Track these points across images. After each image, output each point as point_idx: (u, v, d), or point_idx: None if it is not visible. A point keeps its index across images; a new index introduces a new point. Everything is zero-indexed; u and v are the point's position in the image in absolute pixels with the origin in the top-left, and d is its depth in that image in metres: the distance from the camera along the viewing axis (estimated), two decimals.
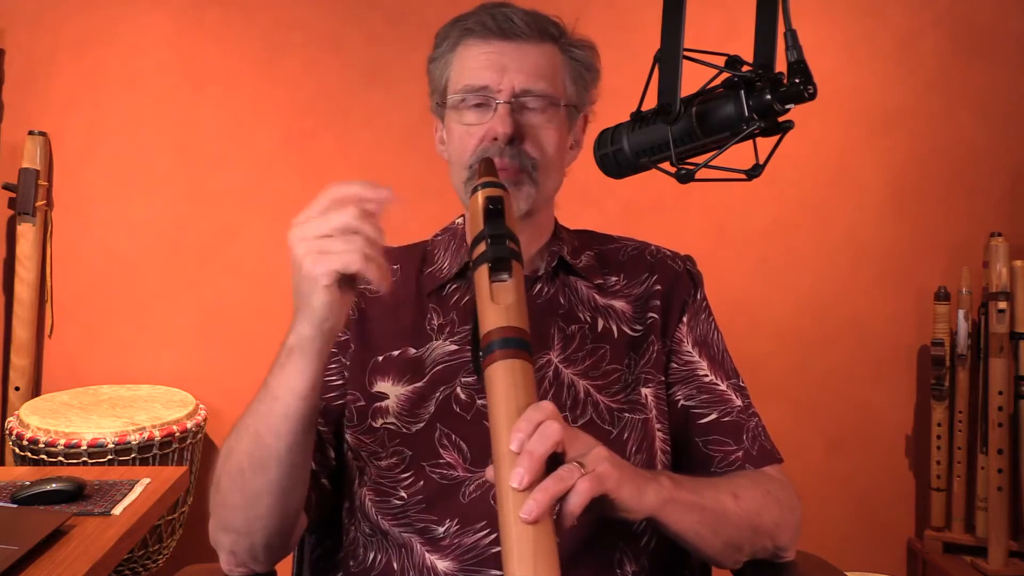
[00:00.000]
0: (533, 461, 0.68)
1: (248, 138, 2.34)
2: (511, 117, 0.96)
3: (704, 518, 0.86)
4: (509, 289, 0.78)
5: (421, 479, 0.93)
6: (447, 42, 1.02)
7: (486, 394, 0.75)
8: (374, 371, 1.00)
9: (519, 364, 0.74)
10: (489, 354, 0.75)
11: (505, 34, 0.98)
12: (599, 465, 0.73)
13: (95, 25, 2.31)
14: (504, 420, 0.71)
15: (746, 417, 1.02)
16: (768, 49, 0.74)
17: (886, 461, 2.39)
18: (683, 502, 0.84)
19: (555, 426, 0.70)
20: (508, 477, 0.68)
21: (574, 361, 0.99)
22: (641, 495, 0.78)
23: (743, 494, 0.91)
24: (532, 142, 0.98)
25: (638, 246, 1.11)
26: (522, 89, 0.97)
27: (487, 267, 0.79)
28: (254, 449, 0.84)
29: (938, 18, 2.33)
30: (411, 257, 1.09)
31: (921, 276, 2.34)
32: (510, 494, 0.68)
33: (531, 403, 0.72)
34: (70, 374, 2.31)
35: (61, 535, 1.16)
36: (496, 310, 0.77)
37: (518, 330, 0.76)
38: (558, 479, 0.69)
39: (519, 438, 0.69)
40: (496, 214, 0.82)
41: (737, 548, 0.91)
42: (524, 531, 0.66)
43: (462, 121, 1.00)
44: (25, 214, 2.24)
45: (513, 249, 0.80)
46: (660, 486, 0.81)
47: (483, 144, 0.98)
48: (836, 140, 2.34)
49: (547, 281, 1.04)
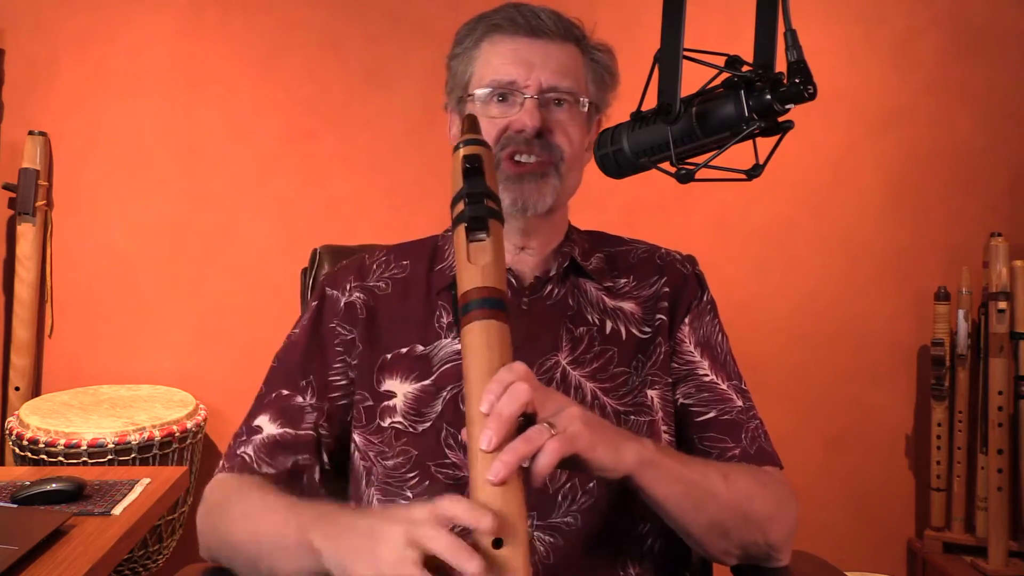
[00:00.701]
0: (501, 423, 0.68)
1: (248, 138, 2.34)
2: (538, 111, 0.97)
3: (689, 491, 0.85)
4: (486, 249, 0.77)
5: (427, 479, 0.93)
6: (470, 38, 1.03)
7: (462, 354, 0.74)
8: (382, 369, 1.00)
9: (494, 325, 0.73)
10: (465, 314, 0.74)
11: (533, 31, 0.99)
12: (571, 425, 0.74)
13: (95, 25, 2.31)
14: (476, 381, 0.71)
15: (746, 418, 1.01)
16: (768, 49, 0.74)
17: (886, 461, 2.39)
18: (666, 468, 0.83)
19: (523, 387, 0.70)
20: (478, 439, 0.68)
21: (582, 363, 0.99)
22: (618, 454, 0.78)
23: (735, 478, 0.90)
24: (560, 137, 0.99)
25: (648, 249, 1.11)
26: (549, 86, 0.98)
27: (464, 227, 0.78)
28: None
29: (937, 18, 2.33)
30: (421, 254, 1.09)
31: (921, 276, 2.34)
32: (479, 455, 0.68)
33: (505, 363, 0.72)
34: (70, 374, 2.31)
35: (61, 535, 1.16)
36: (472, 270, 0.76)
37: (494, 290, 0.75)
38: (527, 440, 0.69)
39: (489, 399, 0.69)
40: (474, 172, 0.81)
41: (723, 532, 0.89)
42: (492, 491, 0.66)
43: (487, 114, 1.00)
44: (25, 214, 2.24)
45: (491, 208, 0.79)
46: (641, 446, 0.81)
47: (507, 134, 0.98)
48: (836, 140, 2.34)
49: (557, 283, 1.03)
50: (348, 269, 1.09)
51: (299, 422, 1.00)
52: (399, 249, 1.11)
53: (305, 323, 1.06)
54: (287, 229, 2.34)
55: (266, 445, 0.98)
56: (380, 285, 1.06)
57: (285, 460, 0.98)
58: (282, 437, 0.98)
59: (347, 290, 1.05)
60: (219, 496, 0.95)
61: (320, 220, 2.33)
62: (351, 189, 2.35)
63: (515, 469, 0.67)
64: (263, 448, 0.98)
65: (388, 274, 1.07)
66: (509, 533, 0.65)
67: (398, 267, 1.07)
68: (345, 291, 1.05)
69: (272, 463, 0.97)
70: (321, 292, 1.07)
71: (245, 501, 0.90)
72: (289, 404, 1.00)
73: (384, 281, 1.06)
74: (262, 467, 0.97)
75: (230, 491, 0.94)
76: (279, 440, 0.98)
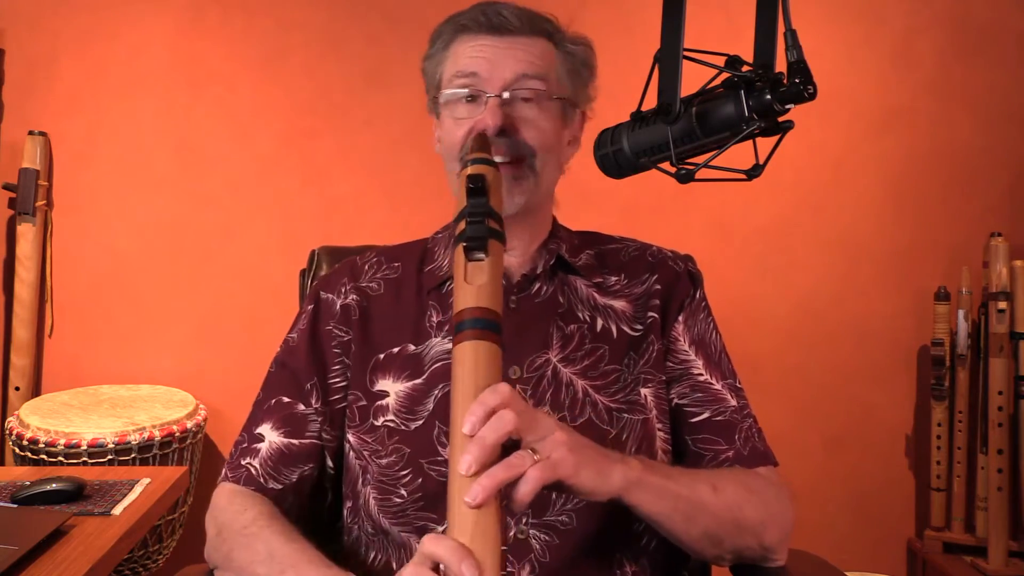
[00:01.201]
0: (483, 449, 0.68)
1: (248, 138, 2.34)
2: (500, 110, 0.97)
3: (677, 505, 0.85)
4: (483, 269, 0.77)
5: (420, 476, 0.93)
6: (441, 40, 1.04)
7: (451, 373, 0.74)
8: (375, 369, 1.00)
9: (484, 346, 0.73)
10: (458, 333, 0.74)
11: (496, 29, 0.99)
12: (555, 451, 0.73)
13: (95, 25, 2.31)
14: (460, 403, 0.71)
15: (740, 418, 1.01)
16: (768, 49, 0.74)
17: (886, 461, 2.39)
18: (653, 486, 0.83)
19: (509, 415, 0.70)
20: (459, 461, 0.68)
21: (573, 360, 0.99)
22: (604, 478, 0.78)
23: (723, 486, 0.90)
24: (526, 133, 0.98)
25: (640, 247, 1.11)
26: (512, 82, 0.98)
27: (463, 246, 0.78)
28: None
29: (937, 18, 2.33)
30: (412, 255, 1.09)
31: (921, 276, 2.34)
32: (458, 476, 0.67)
33: (491, 385, 0.71)
34: (70, 374, 2.31)
35: (61, 535, 1.16)
36: (467, 290, 0.76)
37: (487, 311, 0.75)
38: (507, 466, 0.69)
39: (472, 421, 0.69)
40: (477, 192, 0.81)
41: (716, 541, 0.90)
42: (467, 514, 0.66)
43: (454, 115, 1.00)
44: (25, 214, 2.24)
45: (492, 228, 0.79)
46: (628, 467, 0.81)
47: (472, 136, 0.97)
48: (835, 140, 2.34)
49: (546, 280, 1.03)
50: (341, 272, 1.09)
51: (303, 431, 1.00)
52: (389, 251, 1.12)
53: (302, 327, 1.06)
54: (286, 229, 2.34)
55: (272, 458, 0.99)
56: (372, 286, 1.06)
57: (290, 473, 0.98)
58: (287, 448, 0.99)
59: (342, 292, 1.06)
60: (228, 518, 0.94)
61: (319, 221, 2.33)
62: (351, 189, 2.35)
63: (493, 494, 0.67)
64: (268, 461, 0.98)
65: (380, 275, 1.07)
66: (485, 557, 0.65)
67: (390, 268, 1.08)
68: (340, 294, 1.06)
69: (278, 477, 0.98)
70: (315, 296, 1.07)
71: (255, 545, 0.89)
72: (291, 412, 1.01)
73: (376, 282, 1.07)
74: (269, 482, 0.97)
75: (240, 525, 0.92)
76: (284, 452, 0.99)
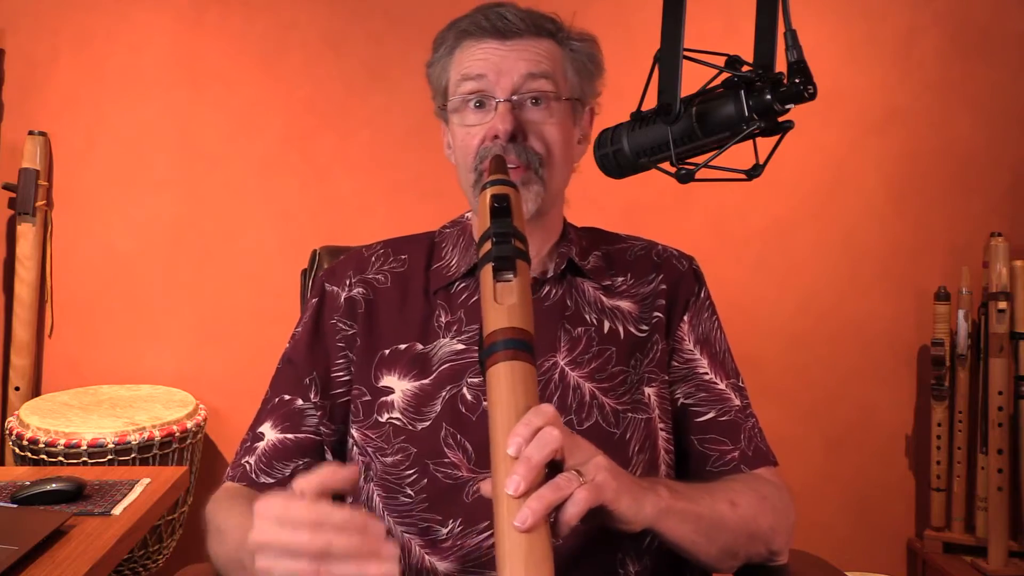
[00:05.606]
0: (530, 468, 0.66)
1: (248, 138, 2.34)
2: (511, 115, 0.96)
3: (700, 526, 0.85)
4: (513, 289, 0.76)
5: (425, 477, 0.93)
6: (444, 46, 1.03)
7: (487, 395, 0.73)
8: (380, 364, 1.00)
9: (520, 366, 0.72)
10: (491, 355, 0.73)
11: (500, 32, 0.98)
12: (598, 474, 0.72)
13: (95, 25, 2.31)
14: (503, 423, 0.69)
15: (743, 417, 1.02)
16: (768, 49, 0.74)
17: (886, 461, 2.39)
18: (680, 511, 0.83)
19: (555, 432, 0.68)
20: (504, 482, 0.66)
21: (580, 363, 0.98)
22: (639, 506, 0.77)
23: (740, 500, 0.90)
24: (535, 138, 0.98)
25: (645, 246, 1.11)
26: (521, 86, 0.97)
27: (491, 266, 0.77)
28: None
29: (938, 18, 2.33)
30: (418, 249, 1.08)
31: (921, 276, 2.34)
32: (505, 500, 0.65)
33: (531, 406, 0.70)
34: (70, 374, 2.31)
35: (61, 535, 1.16)
36: (499, 310, 0.75)
37: (521, 331, 0.73)
38: (555, 488, 0.67)
39: (517, 442, 0.67)
40: (502, 212, 0.80)
41: (733, 554, 0.91)
42: (518, 539, 0.64)
43: (464, 123, 1.00)
44: (25, 214, 2.24)
45: (519, 248, 0.78)
46: (658, 497, 0.80)
47: (485, 144, 0.97)
48: (836, 140, 2.34)
49: (555, 283, 1.03)
50: (347, 264, 1.09)
51: (299, 426, 1.00)
52: (396, 243, 1.11)
53: (306, 321, 1.06)
54: (287, 229, 2.34)
55: (266, 453, 0.99)
56: (379, 278, 1.06)
57: (283, 468, 0.99)
58: (282, 443, 0.99)
59: (347, 285, 1.05)
60: (215, 511, 0.95)
61: (320, 220, 2.33)
62: (351, 189, 2.35)
63: (543, 516, 0.65)
64: (263, 457, 0.99)
65: (387, 267, 1.07)
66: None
67: (396, 261, 1.07)
68: (345, 286, 1.05)
69: (270, 472, 0.98)
70: (320, 289, 1.07)
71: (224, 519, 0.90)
72: (290, 409, 1.01)
73: (383, 274, 1.06)
74: (260, 477, 0.98)
75: (220, 511, 0.93)
76: (278, 447, 0.99)
